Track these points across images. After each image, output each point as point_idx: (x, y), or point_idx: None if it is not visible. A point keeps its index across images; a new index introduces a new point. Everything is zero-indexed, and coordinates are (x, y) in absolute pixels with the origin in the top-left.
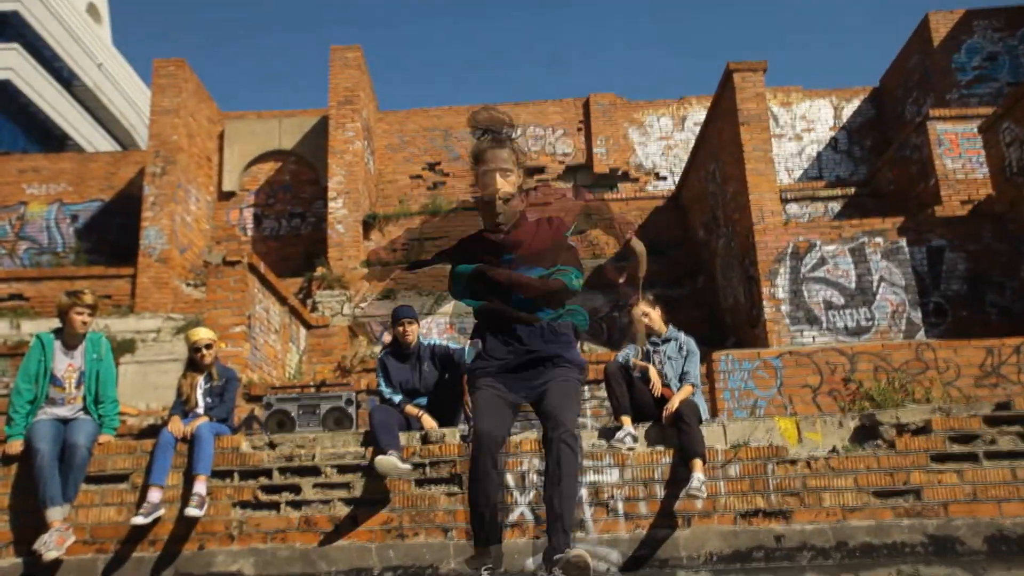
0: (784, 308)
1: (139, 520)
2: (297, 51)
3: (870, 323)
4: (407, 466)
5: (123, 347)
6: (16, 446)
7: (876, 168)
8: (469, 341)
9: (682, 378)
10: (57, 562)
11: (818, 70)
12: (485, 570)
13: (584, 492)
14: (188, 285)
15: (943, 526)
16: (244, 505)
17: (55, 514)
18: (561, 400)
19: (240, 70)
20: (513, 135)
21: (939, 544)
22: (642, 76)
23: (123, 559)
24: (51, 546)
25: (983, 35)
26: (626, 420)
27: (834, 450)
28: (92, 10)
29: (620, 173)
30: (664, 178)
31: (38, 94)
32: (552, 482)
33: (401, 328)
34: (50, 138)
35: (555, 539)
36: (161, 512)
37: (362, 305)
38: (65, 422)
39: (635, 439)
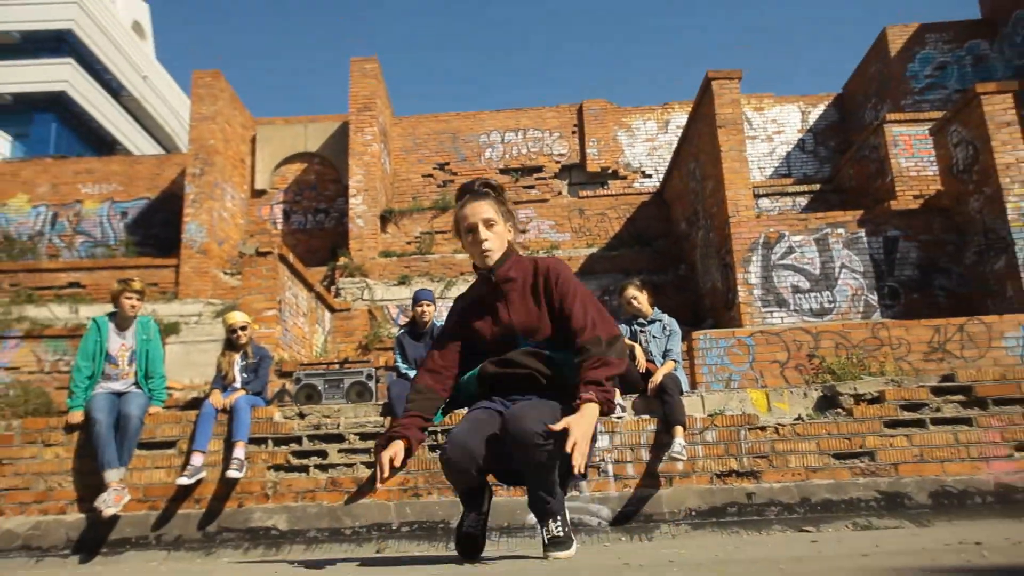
0: (756, 292)
1: (183, 480)
2: (320, 63)
3: (832, 305)
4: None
5: (169, 329)
6: (77, 416)
7: (839, 166)
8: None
9: (665, 355)
10: (115, 518)
11: (788, 78)
12: (469, 525)
13: None
14: (225, 274)
15: (894, 484)
16: (277, 468)
17: (112, 476)
18: (532, 411)
19: (269, 80)
20: (491, 192)
21: (890, 500)
22: (630, 83)
23: (172, 515)
24: (109, 504)
25: (934, 47)
26: (616, 392)
27: (799, 418)
28: (137, 27)
29: (610, 172)
30: (650, 176)
31: (90, 104)
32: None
33: (420, 308)
34: (102, 143)
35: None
36: (203, 474)
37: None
38: (119, 395)
39: (623, 409)
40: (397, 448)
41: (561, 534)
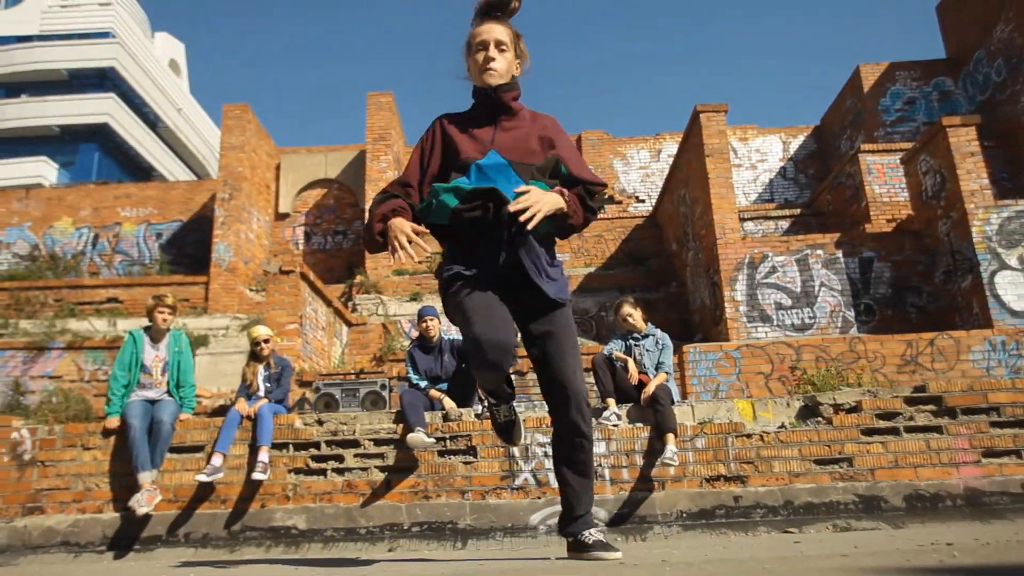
0: (742, 308)
1: (202, 478)
2: (340, 96)
3: (812, 321)
4: (431, 440)
5: (198, 341)
6: (114, 422)
7: (817, 192)
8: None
9: (658, 367)
10: (147, 517)
11: (770, 111)
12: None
13: None
14: (251, 290)
15: (870, 488)
16: (298, 471)
17: (145, 477)
18: (573, 360)
19: (293, 112)
20: (509, 19)
21: (867, 503)
22: (625, 114)
23: (200, 514)
24: (142, 503)
25: (904, 83)
26: (611, 402)
27: (782, 426)
28: (173, 65)
29: (607, 197)
30: (643, 201)
31: (129, 134)
32: (566, 468)
33: (424, 324)
34: (139, 170)
35: (574, 520)
36: (221, 474)
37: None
38: (153, 402)
39: (619, 417)
40: (405, 224)
41: (602, 538)
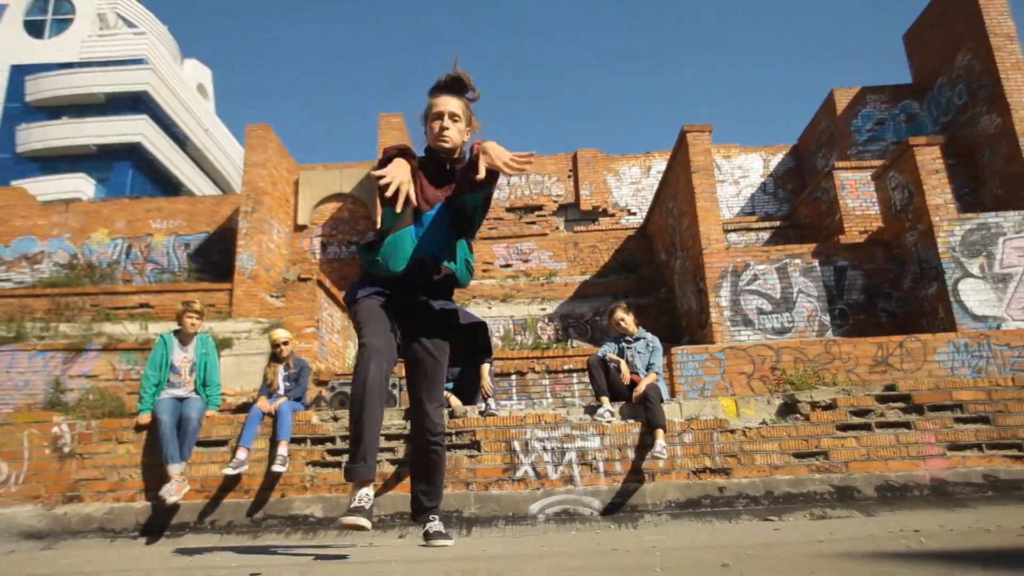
0: (726, 313)
1: (228, 471)
2: (355, 117)
3: (791, 325)
4: None
5: (223, 343)
6: (145, 418)
7: (795, 206)
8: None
9: (648, 368)
10: (176, 505)
11: (751, 130)
12: (352, 514)
13: (573, 455)
14: (271, 296)
15: (845, 479)
16: (314, 464)
17: (174, 469)
18: (436, 381)
19: (311, 131)
20: (471, 95)
21: (842, 493)
22: (618, 134)
23: (226, 503)
24: (172, 493)
25: (874, 106)
26: (605, 400)
27: (764, 422)
28: (201, 89)
29: (600, 210)
30: (634, 213)
31: (160, 152)
32: (420, 476)
33: None
34: (169, 185)
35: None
36: (245, 467)
37: None
38: (181, 400)
39: (612, 414)
40: (405, 169)
41: (441, 529)
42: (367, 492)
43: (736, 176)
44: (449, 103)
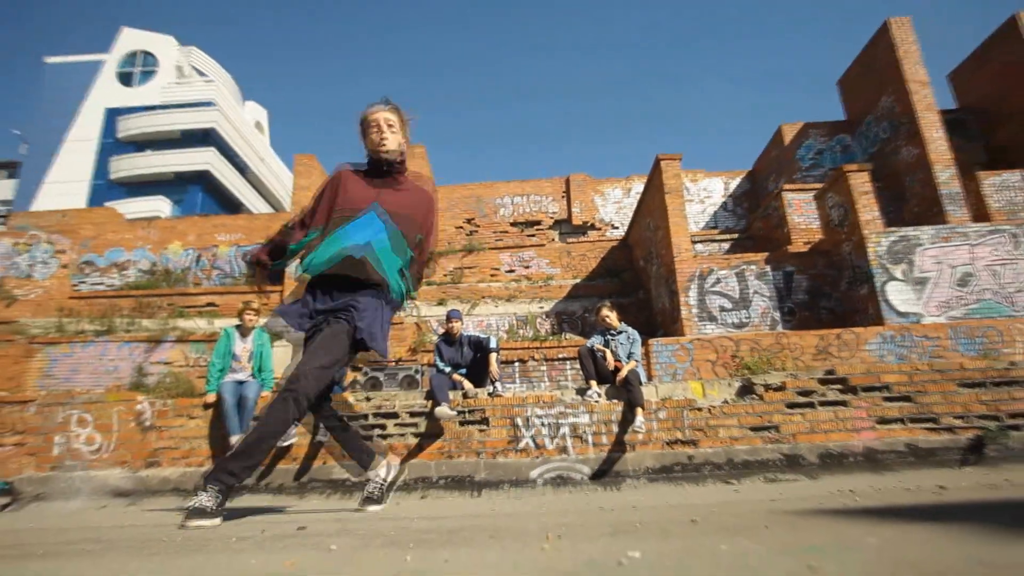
0: (694, 311)
1: (282, 443)
2: None
3: (748, 320)
4: (454, 412)
5: (275, 336)
6: (211, 398)
7: (751, 221)
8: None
9: (629, 356)
10: None
11: (714, 158)
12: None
13: (567, 429)
14: None
15: (792, 448)
16: None
17: (235, 440)
18: (313, 350)
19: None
20: (396, 107)
21: (790, 460)
22: (603, 159)
23: (277, 469)
24: None
25: (815, 138)
26: (593, 383)
27: (725, 401)
28: (258, 126)
29: (589, 224)
30: (617, 228)
31: (225, 178)
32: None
33: (451, 324)
34: (231, 205)
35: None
36: (295, 439)
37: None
38: (241, 383)
39: (599, 395)
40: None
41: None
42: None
43: (702, 196)
44: (383, 112)
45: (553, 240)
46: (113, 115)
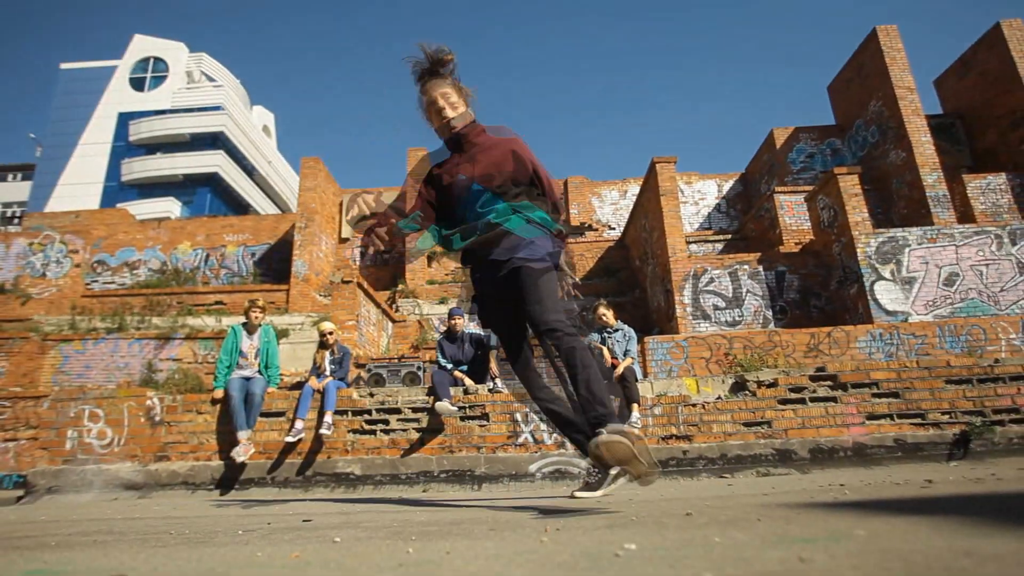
0: (688, 309)
1: (289, 439)
2: (388, 151)
3: (741, 318)
4: (455, 408)
5: (281, 333)
6: (219, 393)
7: (743, 223)
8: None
9: (625, 353)
10: (243, 464)
11: (708, 160)
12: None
13: None
14: (320, 295)
15: (784, 443)
16: (354, 431)
17: (242, 435)
18: (534, 299)
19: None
20: (451, 69)
21: (782, 455)
22: (600, 162)
23: (282, 463)
24: (240, 454)
25: (806, 142)
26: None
27: (719, 397)
28: (265, 129)
29: (587, 225)
30: (614, 228)
31: (233, 180)
32: (573, 378)
33: (453, 321)
34: (239, 206)
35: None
36: (303, 435)
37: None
38: (248, 379)
39: None
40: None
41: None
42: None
43: (696, 198)
44: (437, 87)
45: None
46: (125, 119)
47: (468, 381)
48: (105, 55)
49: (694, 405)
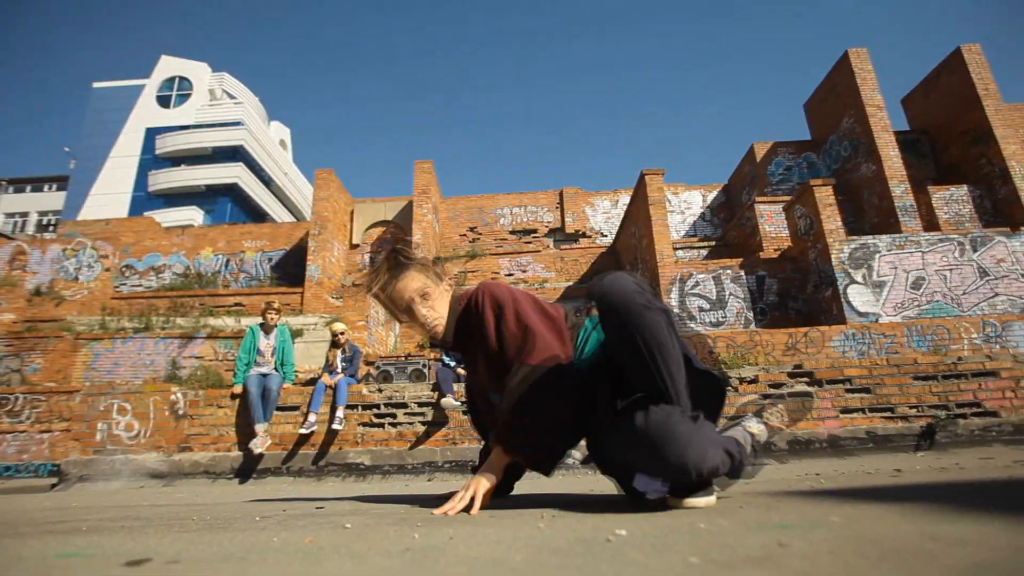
0: (675, 311)
1: (303, 431)
2: (396, 163)
3: (724, 319)
4: (458, 403)
5: (296, 333)
6: (238, 389)
7: (726, 230)
8: None
9: None
10: (261, 455)
11: (694, 172)
12: None
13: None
14: (333, 298)
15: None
16: (364, 424)
17: (260, 427)
18: None
19: (364, 171)
20: (410, 261)
21: (762, 446)
22: (594, 173)
23: (297, 454)
24: (257, 446)
25: (784, 156)
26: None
27: None
28: (282, 143)
29: (581, 233)
30: (606, 236)
31: (251, 190)
32: None
33: None
34: (257, 214)
35: None
36: (315, 427)
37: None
38: (265, 376)
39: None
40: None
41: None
42: None
43: (682, 207)
44: (408, 286)
45: (548, 247)
46: (152, 134)
47: None
48: (134, 74)
49: None
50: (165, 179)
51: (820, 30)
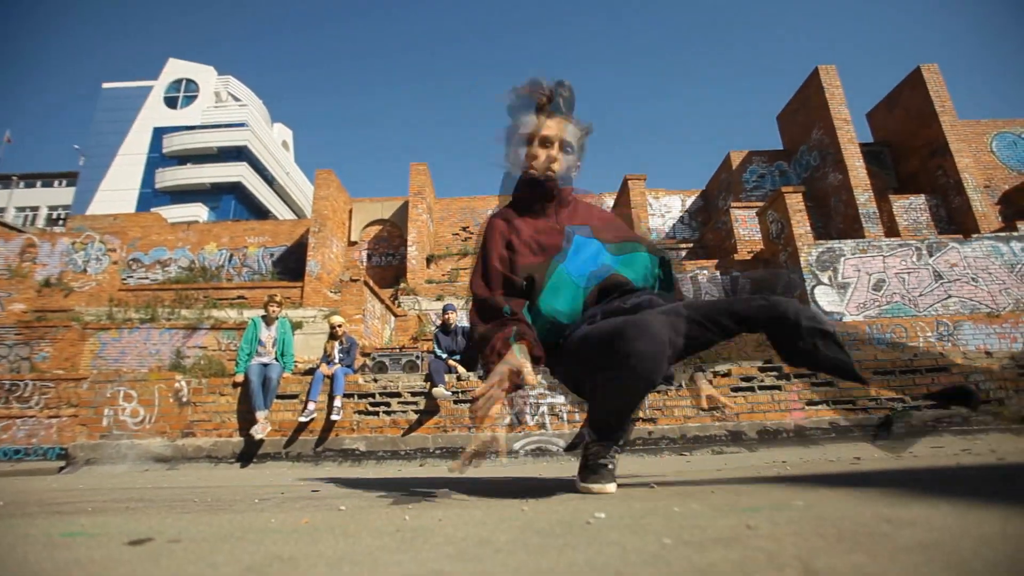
0: None
1: (302, 418)
2: (391, 161)
3: None
4: (449, 393)
5: (296, 325)
6: (240, 378)
7: (703, 233)
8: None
9: None
10: (261, 441)
11: (673, 177)
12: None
13: (545, 408)
14: (331, 292)
15: (736, 426)
16: (360, 412)
17: (260, 415)
18: None
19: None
20: (580, 121)
21: (734, 436)
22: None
23: (296, 440)
24: (258, 432)
25: (758, 164)
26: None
27: (680, 385)
28: (284, 144)
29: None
30: None
31: (254, 189)
32: None
33: (447, 315)
34: (260, 212)
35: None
36: (314, 415)
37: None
38: (265, 365)
39: None
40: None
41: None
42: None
43: (662, 211)
44: (564, 129)
45: None
46: (159, 133)
47: (461, 369)
48: (142, 76)
49: (659, 391)
50: (171, 177)
51: (793, 46)
